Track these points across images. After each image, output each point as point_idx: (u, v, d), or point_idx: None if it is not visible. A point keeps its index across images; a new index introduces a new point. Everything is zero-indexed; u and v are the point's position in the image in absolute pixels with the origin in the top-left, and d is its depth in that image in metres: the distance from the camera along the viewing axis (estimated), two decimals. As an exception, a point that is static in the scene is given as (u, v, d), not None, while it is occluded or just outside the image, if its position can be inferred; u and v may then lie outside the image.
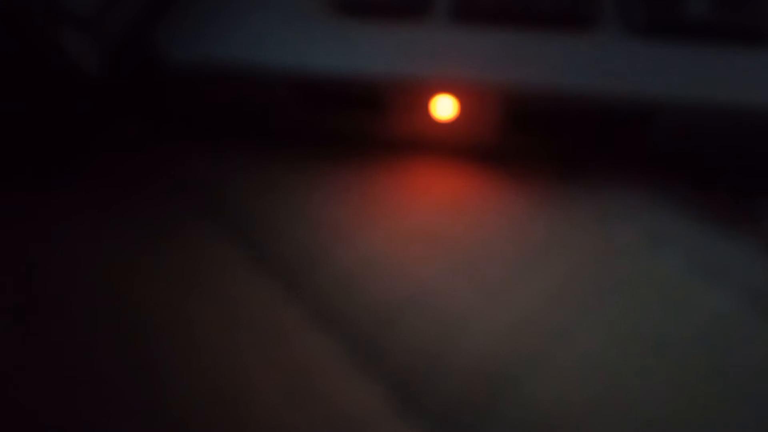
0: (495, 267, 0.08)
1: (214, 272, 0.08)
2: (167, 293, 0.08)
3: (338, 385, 0.07)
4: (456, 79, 0.09)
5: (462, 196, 0.09)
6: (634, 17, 0.10)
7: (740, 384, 0.07)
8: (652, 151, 0.09)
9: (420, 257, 0.08)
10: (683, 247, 0.08)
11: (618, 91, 0.09)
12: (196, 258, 0.08)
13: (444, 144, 0.10)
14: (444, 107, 0.09)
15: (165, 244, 0.09)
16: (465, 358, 0.07)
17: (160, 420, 0.07)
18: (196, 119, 0.11)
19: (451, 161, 0.10)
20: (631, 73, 0.09)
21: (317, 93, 0.10)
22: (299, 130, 0.10)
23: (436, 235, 0.08)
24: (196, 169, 0.10)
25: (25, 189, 0.10)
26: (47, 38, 0.09)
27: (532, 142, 0.10)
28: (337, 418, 0.07)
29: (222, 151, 0.10)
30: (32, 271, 0.08)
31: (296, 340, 0.07)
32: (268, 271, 0.08)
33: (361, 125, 0.10)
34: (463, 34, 0.10)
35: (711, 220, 0.09)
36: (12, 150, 0.10)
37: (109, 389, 0.07)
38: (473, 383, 0.07)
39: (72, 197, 0.09)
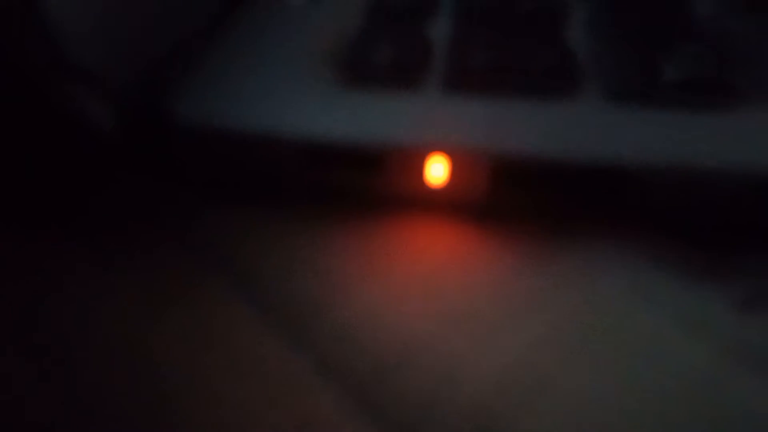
0: (485, 319, 0.09)
1: (224, 326, 0.09)
2: (180, 346, 0.09)
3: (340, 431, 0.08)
4: (448, 144, 0.10)
5: (455, 252, 0.10)
6: (612, 85, 0.12)
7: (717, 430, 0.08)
8: (634, 210, 0.11)
9: (415, 310, 0.09)
10: (663, 301, 0.09)
11: (597, 155, 0.10)
12: (207, 313, 0.09)
13: (439, 203, 0.11)
14: (438, 170, 0.11)
15: (177, 300, 0.10)
16: (456, 408, 0.08)
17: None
18: (206, 177, 0.12)
19: (444, 219, 0.11)
20: (610, 137, 0.10)
21: (322, 156, 0.11)
22: (305, 190, 0.12)
23: (430, 289, 0.10)
24: (205, 226, 0.11)
25: (40, 242, 0.11)
26: (62, 95, 0.11)
27: (521, 201, 0.11)
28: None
29: (231, 209, 0.11)
30: (47, 323, 0.09)
31: (302, 388, 0.08)
32: (276, 323, 0.09)
33: (362, 186, 0.11)
34: (455, 103, 0.11)
35: (690, 275, 0.10)
36: (27, 203, 0.12)
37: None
38: (464, 430, 0.08)
39: (84, 251, 0.11)
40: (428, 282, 0.10)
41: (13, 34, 0.10)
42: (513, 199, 0.11)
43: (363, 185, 0.11)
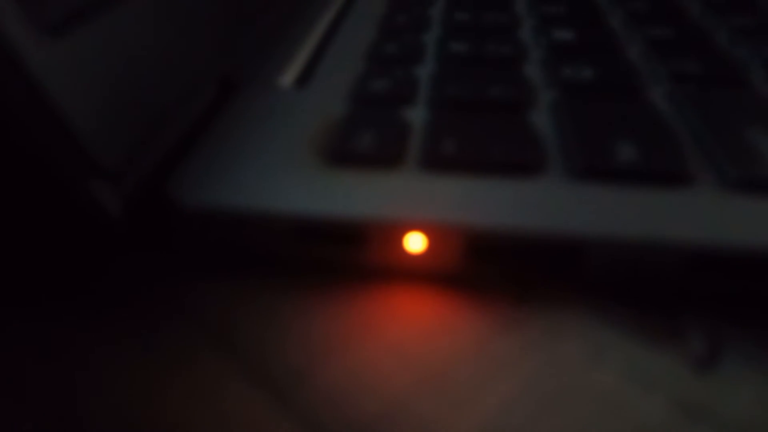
0: (458, 381, 0.10)
1: (217, 393, 0.10)
2: (179, 411, 0.10)
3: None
4: (424, 220, 0.12)
5: (430, 318, 0.11)
6: (574, 165, 0.13)
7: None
8: (594, 278, 0.12)
9: (393, 374, 0.10)
10: (620, 361, 0.10)
11: (560, 229, 0.12)
12: (203, 383, 0.10)
13: (416, 273, 0.12)
14: (415, 242, 0.12)
15: (175, 370, 0.11)
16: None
17: None
18: (203, 254, 0.13)
19: (421, 287, 0.12)
20: (571, 212, 0.12)
21: (308, 231, 0.12)
22: (294, 263, 0.13)
23: (407, 354, 0.11)
24: (203, 300, 0.12)
25: (47, 315, 0.12)
26: (79, 187, 0.12)
27: (492, 270, 0.12)
28: None
29: (226, 283, 0.12)
30: (52, 390, 0.10)
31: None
32: (265, 387, 0.10)
33: (345, 258, 0.13)
34: (430, 181, 0.13)
35: (644, 336, 0.11)
36: (36, 280, 0.13)
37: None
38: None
39: (91, 325, 0.12)
40: (405, 347, 0.11)
41: (26, 125, 0.11)
42: (484, 269, 0.12)
43: (346, 258, 0.12)
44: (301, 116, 0.15)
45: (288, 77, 0.18)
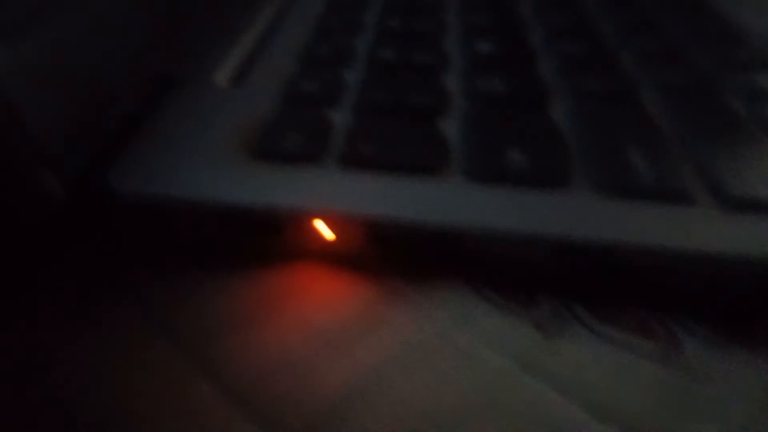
0: (345, 338, 0.13)
1: (156, 368, 0.13)
2: (116, 379, 0.12)
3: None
4: (332, 211, 0.14)
5: (332, 292, 0.14)
6: (469, 168, 0.16)
7: (509, 422, 0.12)
8: (473, 262, 0.15)
9: (293, 333, 0.13)
10: (480, 326, 0.14)
11: (445, 222, 0.14)
12: (138, 356, 0.13)
13: (324, 256, 0.15)
14: (324, 231, 0.14)
15: (112, 344, 0.13)
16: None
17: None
18: (141, 240, 0.16)
19: (328, 268, 0.15)
20: (458, 208, 0.15)
21: (232, 220, 0.15)
22: (219, 248, 0.15)
23: (308, 319, 0.14)
24: (140, 283, 0.14)
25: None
26: (26, 174, 0.14)
27: (389, 254, 0.15)
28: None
29: (160, 266, 0.15)
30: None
31: (210, 411, 0.12)
32: (182, 347, 0.13)
33: (265, 243, 0.15)
34: (344, 178, 0.15)
35: (504, 307, 0.14)
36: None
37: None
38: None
39: (36, 310, 0.14)
40: (307, 314, 0.14)
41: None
42: (383, 253, 0.15)
43: (265, 243, 0.15)
44: (232, 113, 0.18)
45: (224, 75, 0.20)
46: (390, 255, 0.15)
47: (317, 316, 0.14)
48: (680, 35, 0.25)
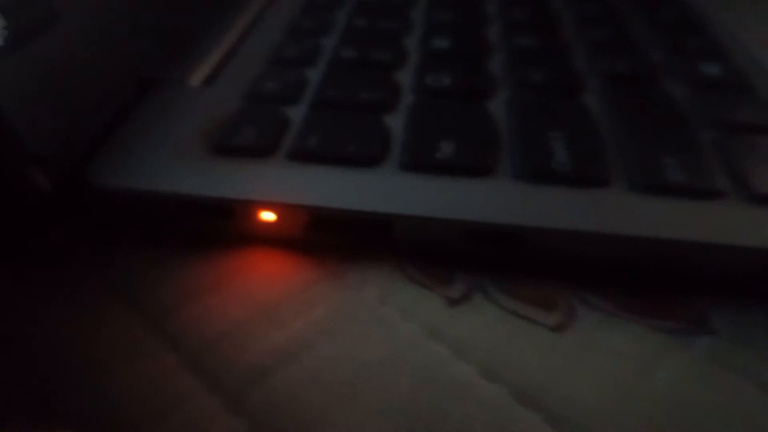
0: (283, 311, 0.15)
1: (121, 336, 0.15)
2: (85, 342, 0.15)
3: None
4: (275, 200, 0.16)
5: (273, 271, 0.16)
6: (402, 159, 0.18)
7: (408, 378, 0.14)
8: (400, 244, 0.17)
9: (237, 307, 0.15)
10: (400, 300, 0.16)
11: (374, 209, 0.16)
12: (114, 329, 0.15)
13: (270, 240, 0.17)
14: (268, 217, 0.17)
15: (91, 319, 0.15)
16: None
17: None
18: (116, 226, 0.18)
19: (273, 251, 0.17)
20: (388, 196, 0.16)
21: (193, 207, 0.17)
22: (180, 232, 0.17)
23: (250, 294, 0.16)
24: (108, 262, 0.17)
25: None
26: (16, 170, 0.17)
27: (328, 238, 0.17)
28: None
29: (133, 250, 0.17)
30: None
31: (172, 376, 0.14)
32: (145, 318, 0.15)
33: (218, 228, 0.17)
34: (291, 170, 0.17)
35: (423, 284, 0.16)
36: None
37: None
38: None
39: (28, 282, 0.16)
40: (249, 290, 0.16)
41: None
42: (322, 237, 0.17)
43: (218, 228, 0.17)
44: (200, 112, 0.20)
45: (197, 77, 0.22)
46: (328, 240, 0.17)
47: (260, 292, 0.16)
48: (638, 25, 0.26)
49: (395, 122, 0.20)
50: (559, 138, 0.19)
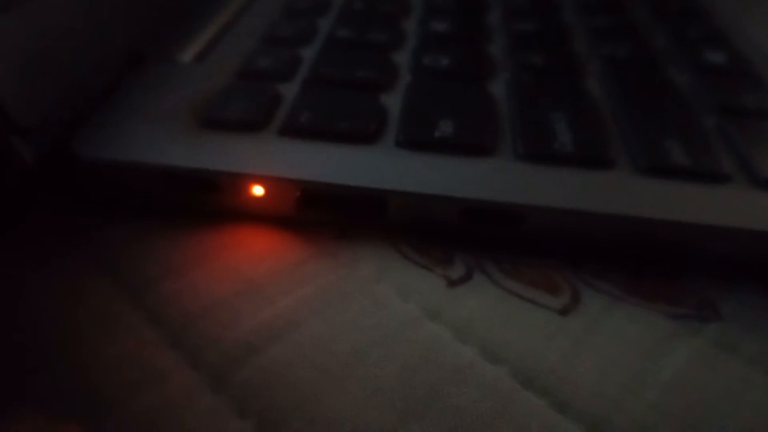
0: (272, 287, 0.14)
1: (102, 309, 0.14)
2: (65, 314, 0.14)
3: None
4: (265, 174, 0.16)
5: (264, 247, 0.16)
6: (399, 137, 0.17)
7: (403, 358, 0.13)
8: (395, 221, 0.16)
9: (223, 282, 0.15)
10: (396, 278, 0.15)
11: (368, 184, 0.15)
12: (96, 302, 0.14)
13: (259, 216, 0.16)
14: (258, 192, 0.16)
15: (77, 292, 0.14)
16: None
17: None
18: (101, 197, 0.17)
19: (263, 227, 0.16)
20: (383, 172, 0.16)
21: (181, 180, 0.16)
22: (168, 205, 0.17)
23: (238, 270, 0.15)
24: (94, 233, 0.16)
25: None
26: (1, 140, 0.16)
27: (320, 215, 0.16)
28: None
29: (121, 222, 0.16)
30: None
31: (152, 351, 0.13)
32: (125, 290, 0.14)
33: (206, 202, 0.16)
34: (282, 145, 0.17)
35: (420, 263, 0.15)
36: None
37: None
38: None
39: (11, 254, 0.15)
40: (237, 266, 0.15)
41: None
42: (314, 214, 0.16)
43: (206, 202, 0.16)
44: (189, 87, 0.19)
45: (189, 53, 0.21)
46: (320, 217, 0.16)
47: (248, 268, 0.15)
48: (642, 13, 0.26)
49: (392, 101, 0.19)
50: (561, 119, 0.18)
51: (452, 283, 0.15)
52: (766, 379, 0.13)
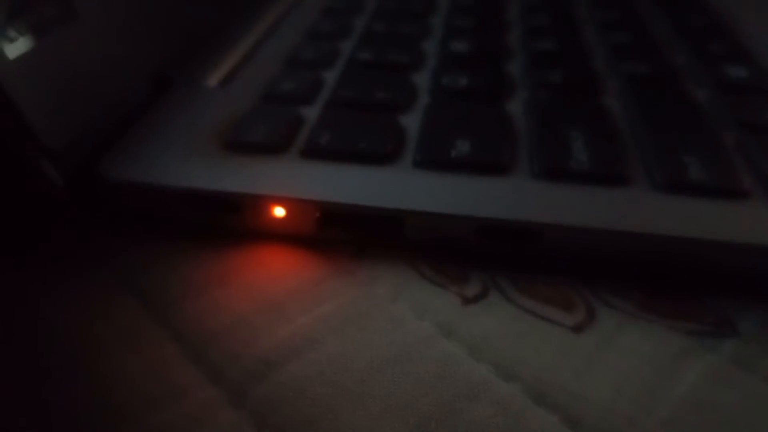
0: (290, 306, 0.15)
1: (124, 326, 0.15)
2: (86, 330, 0.14)
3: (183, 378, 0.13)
4: (286, 196, 0.16)
5: (283, 266, 0.16)
6: (417, 157, 0.17)
7: (417, 376, 0.13)
8: (411, 241, 0.16)
9: (243, 301, 0.15)
10: (412, 297, 0.15)
11: (384, 205, 0.16)
12: (122, 319, 0.15)
13: (280, 235, 0.17)
14: (279, 213, 0.16)
15: (101, 311, 0.15)
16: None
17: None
18: (127, 219, 0.18)
19: (283, 246, 0.17)
20: (399, 193, 0.16)
21: (204, 202, 0.17)
22: (190, 226, 0.17)
23: (258, 289, 0.15)
24: (118, 252, 0.17)
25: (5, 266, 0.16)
26: (31, 164, 0.17)
27: (338, 235, 0.17)
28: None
29: (141, 240, 0.17)
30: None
31: (173, 367, 0.14)
32: (147, 307, 0.15)
33: (228, 223, 0.17)
34: (304, 167, 0.17)
35: (436, 282, 0.16)
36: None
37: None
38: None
39: (36, 272, 0.16)
40: (257, 284, 0.16)
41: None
42: (332, 234, 0.17)
43: (228, 223, 0.17)
44: (215, 111, 0.20)
45: (215, 78, 0.22)
46: (338, 237, 0.17)
47: (268, 287, 0.16)
48: (662, 30, 0.26)
49: (411, 122, 0.19)
50: (578, 137, 0.18)
51: (467, 301, 0.15)
52: (784, 398, 0.13)
